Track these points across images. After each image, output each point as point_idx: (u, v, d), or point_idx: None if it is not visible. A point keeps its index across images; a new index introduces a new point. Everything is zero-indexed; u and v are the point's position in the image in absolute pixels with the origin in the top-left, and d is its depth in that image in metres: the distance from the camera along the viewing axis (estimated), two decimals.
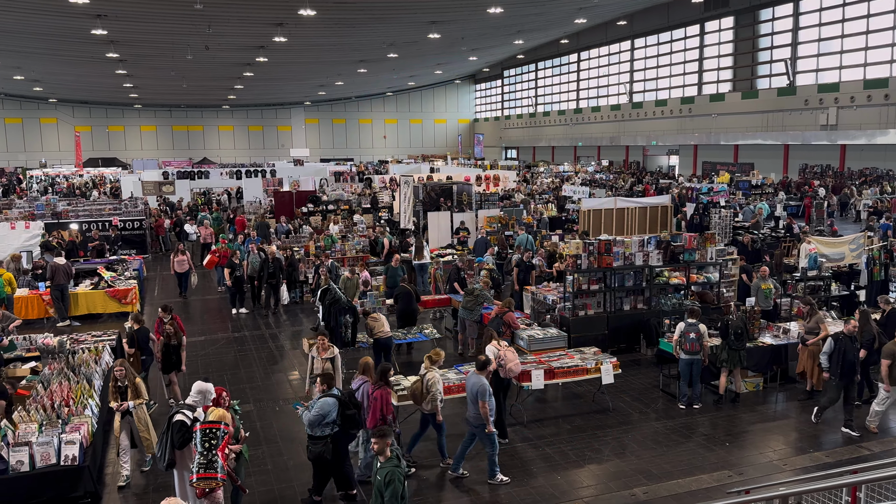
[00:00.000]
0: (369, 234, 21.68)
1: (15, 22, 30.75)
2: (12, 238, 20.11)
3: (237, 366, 13.29)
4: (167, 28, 32.12)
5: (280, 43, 34.40)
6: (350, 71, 49.71)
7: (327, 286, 13.25)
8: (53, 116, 62.02)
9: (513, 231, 21.67)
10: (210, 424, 6.89)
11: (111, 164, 55.54)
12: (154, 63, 42.51)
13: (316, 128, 70.77)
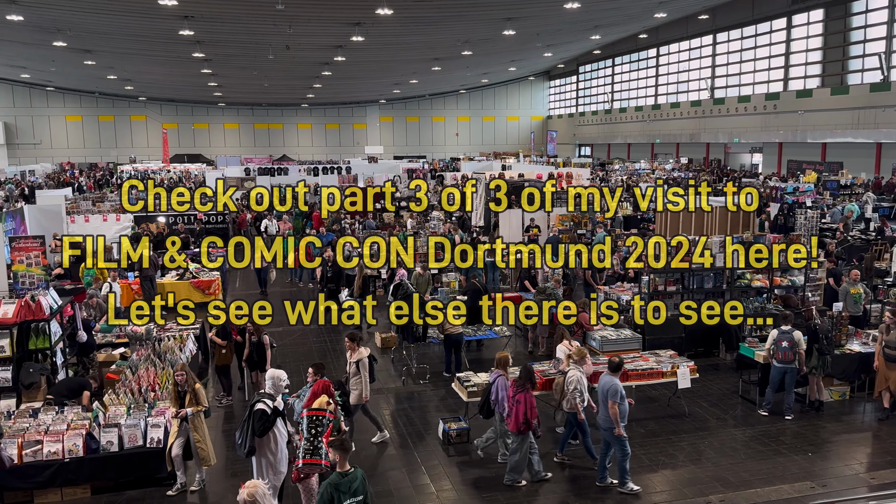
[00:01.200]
0: (444, 228, 21.79)
1: (109, 24, 32.43)
2: (104, 230, 21.22)
3: (312, 356, 13.61)
4: (250, 28, 33.17)
5: (357, 42, 34.97)
6: (424, 69, 50.08)
7: (399, 281, 13.41)
8: (143, 114, 65.05)
9: (585, 230, 21.35)
10: (316, 412, 7.09)
11: (196, 161, 57.76)
12: (237, 63, 43.98)
13: (390, 125, 71.65)
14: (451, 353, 12.30)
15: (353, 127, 70.86)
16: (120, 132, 64.64)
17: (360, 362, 9.37)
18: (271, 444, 7.44)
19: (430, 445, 9.71)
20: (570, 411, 8.85)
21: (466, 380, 10.12)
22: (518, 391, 8.24)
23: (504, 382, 8.70)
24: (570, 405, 8.79)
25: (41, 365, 9.67)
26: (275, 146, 67.94)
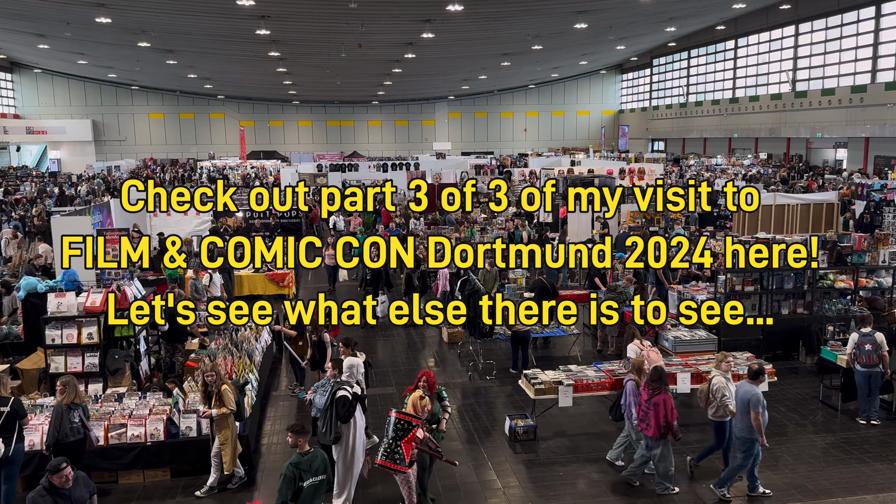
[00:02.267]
0: (508, 226, 21.71)
1: (190, 24, 33.69)
2: (185, 223, 22.12)
3: (381, 350, 13.81)
4: (323, 27, 33.83)
5: (428, 39, 35.16)
6: (494, 64, 49.91)
7: (466, 277, 13.44)
8: (221, 112, 67.29)
9: (658, 227, 20.87)
10: (407, 417, 7.01)
11: (271, 157, 59.35)
12: (311, 61, 44.93)
13: (458, 122, 71.77)
14: (519, 350, 12.26)
15: (422, 123, 71.32)
16: (200, 129, 67.08)
17: (354, 368, 9.14)
18: (352, 430, 7.63)
19: (496, 441, 9.70)
20: (718, 419, 8.32)
21: (534, 377, 10.05)
22: (654, 393, 7.91)
23: (634, 387, 8.39)
24: (718, 413, 8.27)
25: (126, 352, 10.16)
26: (346, 143, 69.11)
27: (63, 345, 9.68)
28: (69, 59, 51.14)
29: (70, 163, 59.59)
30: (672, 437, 7.98)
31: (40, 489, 5.92)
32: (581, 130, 72.37)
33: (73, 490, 5.99)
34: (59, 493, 5.90)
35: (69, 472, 5.95)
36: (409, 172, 39.60)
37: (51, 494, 5.88)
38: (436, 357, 13.47)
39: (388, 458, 7.06)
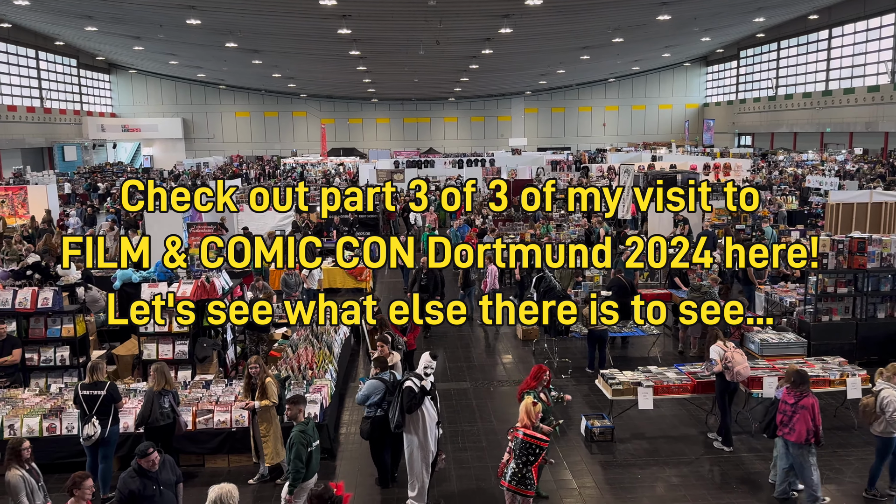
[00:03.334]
0: (584, 223, 21.38)
1: (275, 25, 34.72)
2: (269, 218, 22.87)
3: (455, 344, 13.88)
4: (403, 25, 34.20)
5: (506, 34, 35.01)
6: (572, 58, 49.20)
7: (542, 274, 13.32)
8: (304, 110, 69.09)
9: (745, 224, 20.10)
10: (536, 441, 6.67)
11: (350, 154, 60.58)
12: (390, 59, 45.53)
13: (534, 117, 71.16)
14: (596, 350, 12.06)
15: (498, 119, 71.10)
16: (283, 127, 69.11)
17: (394, 367, 9.04)
18: (419, 423, 7.69)
19: (571, 441, 9.59)
20: (885, 436, 7.78)
21: (611, 377, 9.87)
22: (802, 396, 7.55)
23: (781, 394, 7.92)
24: (885, 429, 7.74)
25: (214, 341, 10.58)
26: (422, 139, 69.70)
27: (155, 332, 10.18)
28: (161, 60, 53.71)
29: (162, 159, 62.59)
30: (817, 442, 7.60)
31: (130, 471, 6.28)
32: (663, 125, 70.46)
33: (160, 473, 6.32)
34: (147, 475, 6.24)
35: (156, 456, 6.29)
36: (485, 168, 39.58)
37: (139, 476, 6.22)
38: (511, 353, 13.43)
39: (518, 482, 6.69)
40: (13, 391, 9.64)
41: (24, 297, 10.27)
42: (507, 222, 23.00)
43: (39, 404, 9.17)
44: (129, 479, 6.23)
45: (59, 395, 9.50)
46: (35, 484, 6.45)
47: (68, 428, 8.68)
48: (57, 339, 10.39)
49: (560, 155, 48.50)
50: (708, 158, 36.63)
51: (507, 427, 9.88)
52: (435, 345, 13.83)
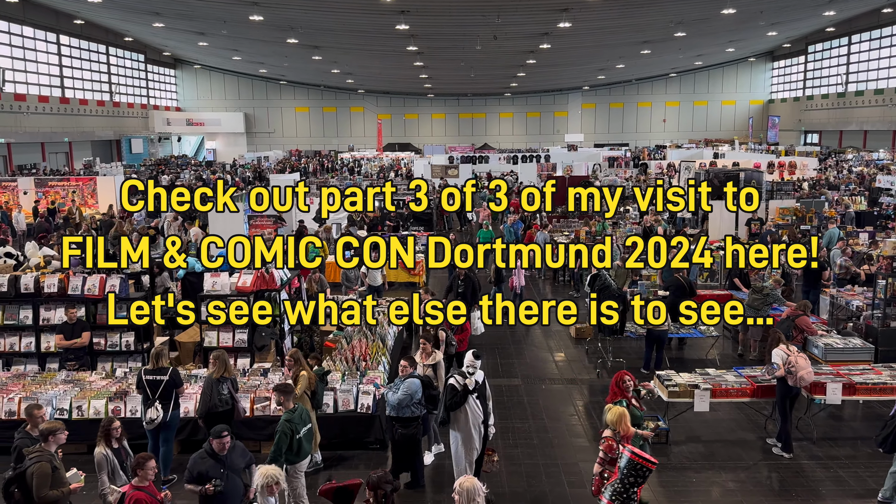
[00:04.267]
0: (644, 221, 21.00)
1: (335, 21, 35.22)
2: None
3: (507, 342, 13.84)
4: (460, 20, 34.22)
5: (564, 29, 34.64)
6: (632, 53, 48.34)
7: (598, 272, 13.15)
8: (361, 105, 69.92)
9: (810, 225, 19.42)
10: (644, 461, 6.22)
11: (406, 149, 61.01)
12: (447, 55, 45.63)
13: (592, 112, 70.24)
14: (652, 350, 11.84)
15: (554, 115, 70.45)
16: (341, 122, 70.07)
17: (437, 366, 8.87)
18: (463, 420, 7.67)
19: None
20: None
21: (667, 379, 9.68)
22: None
23: None
24: None
25: (272, 330, 10.83)
26: (477, 135, 69.64)
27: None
28: (225, 56, 55.13)
29: (224, 153, 64.29)
30: None
31: (202, 451, 6.47)
32: (726, 121, 68.60)
33: (229, 456, 6.48)
34: (217, 457, 6.41)
35: (228, 439, 6.46)
36: (540, 165, 39.30)
37: (210, 457, 6.41)
38: (563, 351, 13.31)
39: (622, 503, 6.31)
40: (81, 374, 10.07)
41: (92, 284, 10.70)
42: (562, 219, 22.78)
43: (105, 387, 9.56)
44: (199, 459, 6.42)
45: (124, 379, 9.88)
46: (118, 464, 6.73)
47: (132, 411, 9.01)
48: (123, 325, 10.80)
49: (618, 151, 47.80)
50: (772, 156, 35.55)
51: (558, 425, 9.86)
52: (485, 341, 13.83)
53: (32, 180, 29.08)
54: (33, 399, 9.03)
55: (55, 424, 6.58)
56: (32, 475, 6.12)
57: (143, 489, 5.95)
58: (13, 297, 10.69)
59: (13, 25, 43.25)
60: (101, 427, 6.85)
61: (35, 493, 6.11)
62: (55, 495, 6.18)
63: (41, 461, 6.18)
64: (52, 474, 6.18)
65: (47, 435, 6.43)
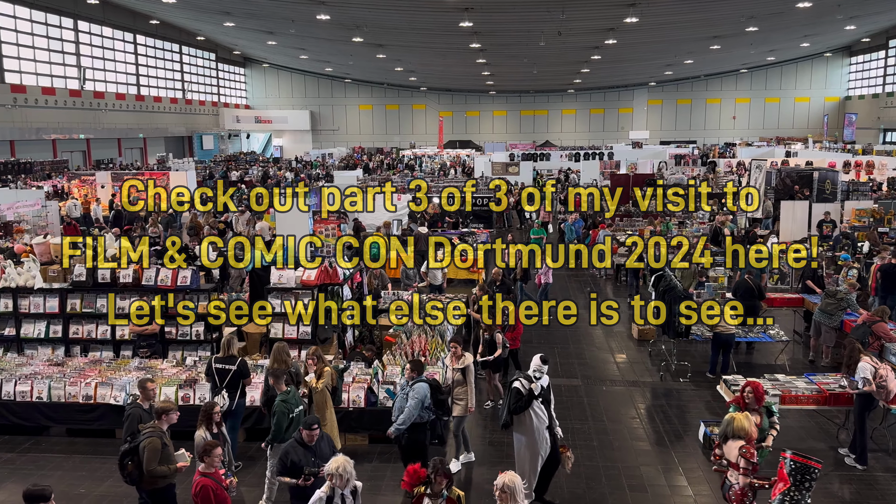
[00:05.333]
0: (719, 220, 20.40)
1: (400, 19, 35.52)
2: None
3: (567, 341, 13.71)
4: (524, 16, 33.99)
5: (631, 24, 33.99)
6: (702, 48, 47.05)
7: (662, 272, 12.87)
8: (423, 103, 70.34)
9: (889, 228, 18.52)
10: (806, 460, 5.98)
11: (466, 146, 61.05)
12: (510, 51, 45.41)
13: (658, 109, 68.71)
14: (719, 354, 11.53)
15: (619, 111, 69.24)
16: (403, 120, 70.67)
17: (466, 369, 8.61)
18: (527, 424, 7.55)
19: (688, 447, 9.24)
20: None
21: (734, 383, 9.41)
22: None
23: None
24: None
25: (334, 324, 11.02)
26: (539, 132, 69.09)
27: (282, 313, 10.73)
28: (292, 55, 56.34)
29: (291, 150, 65.74)
30: None
31: (293, 441, 6.70)
32: (799, 118, 66.05)
33: (318, 445, 6.66)
34: (307, 446, 6.61)
35: (318, 431, 6.66)
36: (602, 162, 38.73)
37: (301, 446, 6.62)
38: (625, 352, 13.10)
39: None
40: (153, 362, 10.48)
41: (165, 275, 11.13)
42: (625, 218, 22.39)
43: (176, 375, 9.92)
44: (290, 449, 6.63)
45: (194, 368, 10.23)
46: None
47: (200, 398, 9.31)
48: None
49: (685, 149, 46.65)
50: (848, 155, 34.05)
51: (619, 427, 9.72)
52: (544, 340, 13.74)
53: (109, 174, 30.40)
54: (109, 385, 9.47)
55: (169, 405, 6.95)
56: (144, 449, 6.47)
57: (210, 475, 6.14)
58: (91, 287, 11.22)
59: (93, 26, 45.30)
60: (202, 411, 7.16)
61: (144, 467, 6.48)
62: (162, 471, 6.52)
63: (153, 437, 6.54)
64: (162, 451, 6.53)
65: (161, 414, 6.80)
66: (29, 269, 11.55)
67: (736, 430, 6.58)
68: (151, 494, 6.68)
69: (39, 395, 9.57)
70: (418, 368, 8.12)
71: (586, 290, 18.05)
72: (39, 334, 11.38)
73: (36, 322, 11.41)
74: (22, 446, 9.36)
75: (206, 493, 6.02)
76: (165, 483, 6.63)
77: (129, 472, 6.63)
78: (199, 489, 6.04)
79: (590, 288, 18.24)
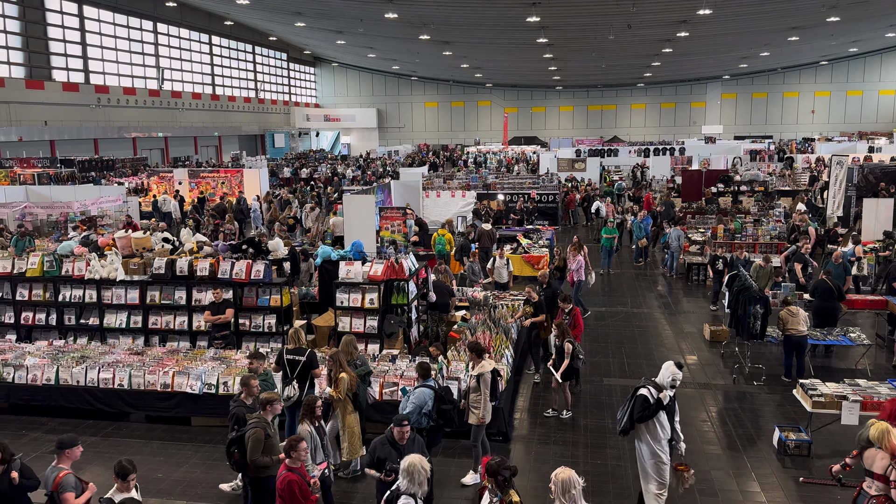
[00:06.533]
0: (795, 219, 19.66)
1: (467, 16, 35.56)
2: (452, 205, 23.60)
3: (634, 341, 13.45)
4: (593, 10, 33.51)
5: (704, 16, 33.01)
6: (779, 40, 45.26)
7: (737, 272, 12.47)
8: (488, 99, 70.22)
9: None
10: None
11: (531, 143, 60.64)
12: (578, 46, 44.82)
13: (732, 103, 66.52)
14: (793, 357, 11.10)
15: (691, 105, 67.38)
16: (468, 116, 70.76)
17: (481, 377, 8.13)
18: (652, 431, 7.14)
19: (761, 452, 8.94)
20: None
21: (812, 388, 9.04)
22: None
23: None
24: None
25: (400, 318, 11.15)
26: (606, 127, 67.99)
27: (349, 307, 10.93)
28: (361, 53, 57.18)
29: (358, 147, 66.81)
30: None
31: (383, 438, 6.76)
32: (883, 112, 62.77)
33: (407, 447, 6.63)
34: (396, 445, 6.68)
35: (408, 430, 6.69)
36: (673, 158, 37.79)
37: (390, 444, 6.69)
38: (696, 354, 12.77)
39: None
40: (228, 352, 10.84)
41: (239, 269, 11.49)
42: (698, 215, 21.79)
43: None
44: (379, 444, 6.71)
45: (266, 358, 10.51)
46: (319, 441, 7.17)
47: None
48: (266, 307, 11.51)
49: (760, 144, 45.05)
50: None
51: (689, 430, 9.46)
52: (612, 339, 13.53)
53: (186, 171, 31.58)
54: (185, 374, 9.85)
55: (273, 395, 7.16)
56: (248, 439, 6.68)
57: (296, 470, 6.19)
58: (169, 279, 11.69)
59: (171, 28, 47.12)
60: (304, 405, 7.24)
61: (248, 456, 6.68)
62: (266, 461, 6.69)
63: (257, 428, 6.73)
64: (265, 441, 6.71)
65: (265, 404, 7.00)
66: (112, 261, 12.10)
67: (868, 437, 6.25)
68: (254, 482, 6.86)
69: (121, 382, 10.04)
70: (423, 373, 8.00)
71: (656, 289, 17.68)
72: (121, 324, 11.93)
73: (118, 312, 11.96)
74: (104, 430, 9.84)
75: (292, 488, 6.07)
76: (268, 473, 6.72)
77: (235, 460, 6.87)
78: (285, 484, 6.09)
79: (660, 288, 17.86)
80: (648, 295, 17.04)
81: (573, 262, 14.80)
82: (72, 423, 10.01)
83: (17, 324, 12.27)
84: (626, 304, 16.13)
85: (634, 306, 15.98)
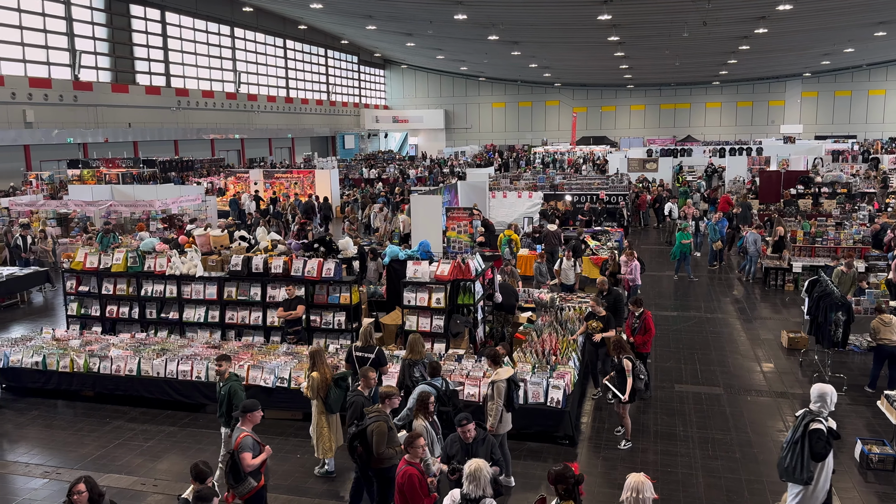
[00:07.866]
0: (875, 224, 18.72)
1: (536, 15, 35.31)
2: (519, 205, 23.52)
3: (708, 347, 13.07)
4: (667, 7, 32.74)
5: (784, 11, 31.76)
6: (864, 35, 43.08)
7: (818, 277, 11.97)
8: (556, 99, 69.56)
9: None
10: None
11: (601, 143, 59.71)
12: (650, 44, 43.88)
13: (813, 101, 63.77)
14: (882, 367, 10.55)
15: (769, 104, 64.97)
16: (535, 117, 70.31)
17: (495, 385, 7.91)
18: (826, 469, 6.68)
19: (843, 465, 8.53)
20: None
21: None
22: None
23: None
24: None
25: (466, 318, 11.17)
26: (679, 126, 66.30)
27: (416, 306, 11.04)
28: (429, 55, 57.63)
29: (425, 148, 67.35)
30: None
31: (456, 434, 6.82)
32: None
33: (474, 445, 6.69)
34: (464, 444, 6.72)
35: (472, 427, 6.71)
36: (751, 158, 36.53)
37: (458, 442, 6.75)
38: (773, 361, 12.30)
39: None
40: (299, 347, 11.11)
41: (311, 267, 11.77)
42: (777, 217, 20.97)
43: None
44: (452, 441, 6.80)
45: (335, 355, 10.74)
46: (434, 436, 7.28)
47: None
48: (336, 305, 11.76)
49: (843, 144, 43.02)
50: None
51: (764, 440, 9.18)
52: (684, 345, 13.19)
53: (261, 172, 32.54)
54: (259, 367, 10.15)
55: (392, 389, 7.36)
56: (372, 433, 6.82)
57: (415, 465, 6.24)
58: (245, 276, 12.08)
59: (248, 32, 48.66)
60: (418, 401, 7.34)
61: (374, 450, 6.81)
62: (390, 453, 6.85)
63: (380, 421, 6.86)
64: (388, 433, 6.87)
65: (384, 398, 7.18)
66: (191, 258, 12.60)
67: None
68: (378, 473, 6.97)
69: (198, 375, 10.43)
70: (433, 371, 8.07)
71: (731, 294, 17.14)
72: (199, 319, 12.40)
73: (196, 307, 12.44)
74: (182, 421, 10.24)
75: (412, 482, 6.11)
76: (391, 464, 6.84)
77: (359, 454, 6.94)
78: (406, 478, 6.13)
79: (735, 292, 17.30)
80: (723, 300, 16.52)
81: (628, 266, 14.55)
82: (152, 412, 10.45)
83: (102, 317, 12.91)
84: (700, 309, 15.69)
85: (708, 311, 15.52)
